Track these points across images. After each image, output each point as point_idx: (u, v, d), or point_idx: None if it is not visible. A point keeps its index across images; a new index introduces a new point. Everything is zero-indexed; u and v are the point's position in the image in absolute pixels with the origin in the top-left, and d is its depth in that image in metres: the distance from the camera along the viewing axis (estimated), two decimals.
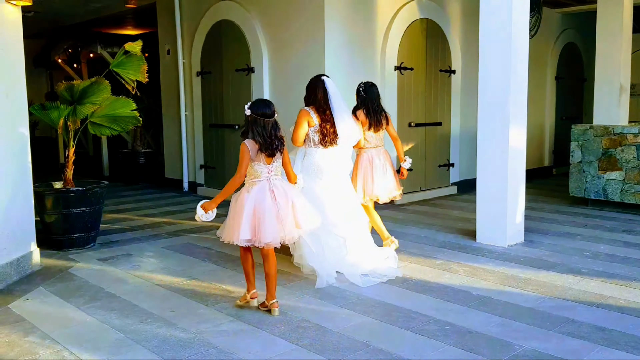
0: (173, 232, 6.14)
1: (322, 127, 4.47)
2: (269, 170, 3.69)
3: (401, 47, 7.74)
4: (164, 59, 9.77)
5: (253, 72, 7.81)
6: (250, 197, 3.63)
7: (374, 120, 5.00)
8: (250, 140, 3.68)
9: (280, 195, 3.67)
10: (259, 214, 3.59)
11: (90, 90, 5.21)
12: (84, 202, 5.34)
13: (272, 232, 3.59)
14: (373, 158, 5.07)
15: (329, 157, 4.55)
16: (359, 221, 4.68)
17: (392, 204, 7.64)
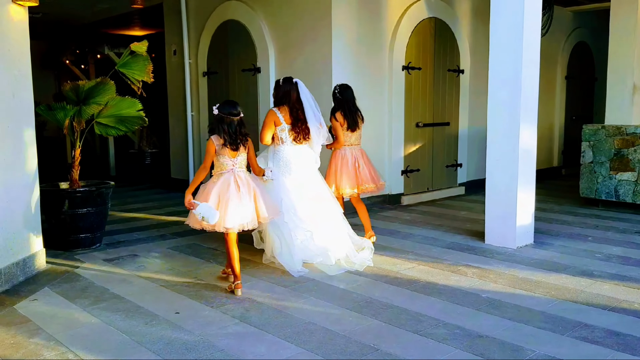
0: (179, 233, 6.10)
1: (296, 125, 4.81)
2: (233, 163, 4.14)
3: (409, 47, 7.67)
4: (170, 59, 9.75)
5: (259, 72, 7.76)
6: (215, 187, 4.09)
7: (351, 120, 5.33)
8: (216, 136, 4.13)
9: (244, 185, 4.10)
10: (222, 202, 4.00)
11: (95, 90, 5.18)
12: (90, 202, 5.32)
13: (233, 218, 4.01)
14: (348, 155, 5.37)
15: (298, 154, 4.85)
16: (331, 214, 4.91)
17: (398, 205, 7.59)
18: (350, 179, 5.33)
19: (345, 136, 5.32)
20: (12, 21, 4.58)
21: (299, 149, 4.86)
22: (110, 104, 5.43)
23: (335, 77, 6.93)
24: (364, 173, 5.40)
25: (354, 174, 5.35)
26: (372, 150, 7.43)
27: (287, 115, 4.83)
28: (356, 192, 5.40)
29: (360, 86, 7.23)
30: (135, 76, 5.81)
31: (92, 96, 5.18)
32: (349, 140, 5.37)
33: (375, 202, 7.54)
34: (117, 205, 7.74)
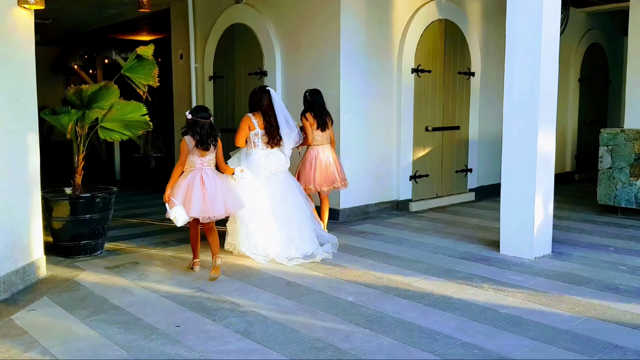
0: (182, 239, 5.93)
1: (268, 130, 5.23)
2: (202, 162, 4.65)
3: (419, 49, 7.49)
4: (176, 63, 9.62)
5: (266, 76, 7.60)
6: (185, 182, 4.62)
7: (320, 120, 5.71)
8: (189, 137, 4.62)
9: (209, 182, 4.62)
10: (189, 195, 4.56)
11: (99, 94, 5.03)
12: (92, 208, 5.16)
13: (197, 209, 4.56)
14: (319, 154, 5.75)
15: (269, 157, 5.25)
16: (297, 212, 5.33)
17: (407, 211, 7.41)
18: (322, 177, 5.71)
19: (316, 136, 5.72)
20: (17, 25, 4.43)
21: (269, 152, 5.27)
22: (115, 108, 5.29)
23: (344, 81, 6.76)
24: (333, 172, 5.79)
25: (326, 173, 5.74)
26: (379, 154, 7.26)
27: (260, 120, 5.23)
28: (326, 189, 5.78)
29: (369, 89, 7.06)
30: (140, 80, 5.67)
31: (95, 100, 5.04)
32: (320, 140, 5.75)
33: (383, 209, 7.35)
34: (121, 210, 7.59)
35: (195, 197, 4.56)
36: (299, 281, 4.52)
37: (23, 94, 4.46)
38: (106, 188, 5.59)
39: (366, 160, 7.12)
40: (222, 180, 4.75)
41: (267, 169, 5.22)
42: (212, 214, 4.63)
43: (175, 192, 4.58)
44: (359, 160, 7.03)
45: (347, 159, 6.86)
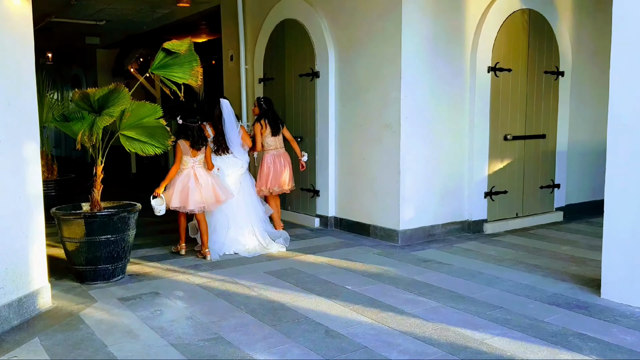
0: (216, 264, 5.17)
1: (216, 138, 5.70)
2: (194, 161, 5.31)
3: (497, 44, 6.40)
4: (227, 65, 8.96)
5: (318, 77, 6.75)
6: (179, 179, 5.26)
7: (273, 127, 6.17)
8: (182, 140, 5.29)
9: (202, 178, 5.27)
10: (185, 191, 5.20)
11: (109, 99, 4.34)
12: (109, 228, 4.47)
13: (194, 203, 5.19)
14: (274, 158, 6.20)
15: (225, 161, 5.74)
16: (250, 211, 5.80)
17: (480, 233, 6.33)
18: (277, 180, 6.19)
19: (269, 141, 6.17)
20: (7, 16, 3.78)
21: (225, 159, 5.74)
22: (127, 110, 4.59)
23: (406, 81, 5.79)
24: (286, 177, 6.25)
25: (280, 175, 6.20)
26: (448, 167, 6.23)
27: (211, 128, 5.72)
28: (280, 190, 6.24)
29: (436, 91, 6.06)
30: (176, 79, 4.97)
31: (105, 106, 4.35)
32: (273, 145, 6.20)
33: (452, 230, 6.30)
34: (163, 224, 6.94)
35: (192, 192, 5.18)
36: (341, 329, 3.60)
37: (16, 98, 3.79)
38: (129, 204, 4.90)
39: (432, 173, 6.12)
40: (212, 176, 5.42)
41: (224, 172, 5.72)
42: (207, 205, 5.28)
43: (170, 188, 5.24)
44: (422, 174, 6.03)
45: (408, 171, 5.88)
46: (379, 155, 6.08)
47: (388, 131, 5.95)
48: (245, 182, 5.86)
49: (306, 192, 7.04)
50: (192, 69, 5.02)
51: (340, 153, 6.63)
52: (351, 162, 6.47)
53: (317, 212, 6.90)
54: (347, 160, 6.54)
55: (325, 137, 6.70)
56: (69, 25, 11.72)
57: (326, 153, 6.71)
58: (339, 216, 6.70)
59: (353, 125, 6.42)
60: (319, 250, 5.69)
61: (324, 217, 6.80)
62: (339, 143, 6.63)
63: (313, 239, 6.20)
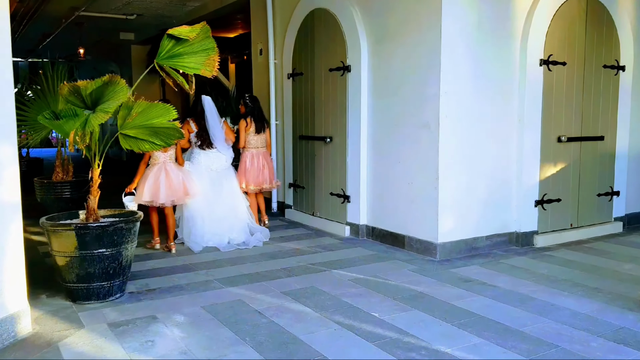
0: (229, 279, 4.64)
1: (200, 134, 5.87)
2: (164, 157, 5.45)
3: (550, 34, 5.67)
4: (256, 60, 8.47)
5: (349, 72, 6.15)
6: (151, 174, 5.37)
7: (259, 124, 6.33)
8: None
9: (172, 173, 5.42)
10: (156, 185, 5.31)
11: (104, 93, 3.84)
12: (104, 241, 3.98)
13: (164, 196, 5.34)
14: (254, 157, 6.34)
15: (209, 156, 5.92)
16: (233, 205, 5.99)
17: (530, 247, 5.62)
18: (254, 178, 6.31)
19: (251, 139, 6.33)
20: None
21: (208, 153, 5.92)
22: (135, 110, 4.10)
23: (446, 76, 5.14)
24: (266, 175, 6.39)
25: (258, 174, 6.33)
26: (493, 172, 5.55)
27: (195, 124, 5.90)
28: (258, 188, 6.38)
29: (480, 87, 5.39)
30: (186, 69, 4.45)
31: (100, 101, 3.86)
32: (255, 143, 6.37)
33: (498, 243, 5.61)
34: None
35: (162, 186, 5.35)
36: None
37: None
38: (132, 213, 4.42)
39: (475, 178, 5.45)
40: (182, 171, 5.57)
41: (208, 166, 5.91)
42: (178, 200, 5.51)
43: (142, 182, 5.39)
44: (464, 179, 5.37)
45: (448, 177, 5.23)
46: (415, 158, 5.45)
47: (426, 131, 5.31)
48: (229, 177, 6.06)
49: (336, 197, 6.46)
50: (208, 57, 4.48)
51: (373, 155, 6.02)
52: (385, 165, 5.86)
53: (347, 220, 6.31)
54: (380, 163, 5.92)
55: (357, 137, 6.10)
56: (101, 20, 11.46)
57: (357, 155, 6.11)
58: (371, 225, 6.09)
59: (387, 124, 5.80)
60: (347, 264, 5.10)
61: (355, 226, 6.20)
62: (371, 144, 6.02)
63: (342, 251, 5.61)
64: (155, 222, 5.70)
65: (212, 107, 5.92)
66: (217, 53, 4.51)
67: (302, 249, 5.67)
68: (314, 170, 6.85)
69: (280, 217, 7.45)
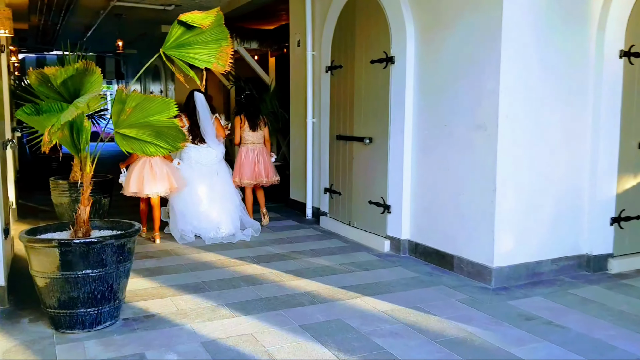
0: (242, 305, 3.97)
1: (191, 129, 6.02)
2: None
3: (632, 22, 4.74)
4: (294, 52, 7.79)
5: (392, 63, 5.36)
6: (136, 167, 5.75)
7: (251, 122, 6.49)
8: None
9: (157, 166, 5.71)
10: (141, 178, 5.69)
11: (82, 84, 3.21)
12: (90, 261, 3.36)
13: (150, 188, 5.68)
14: (248, 152, 6.50)
15: (200, 151, 6.06)
16: (224, 199, 6.10)
17: (603, 273, 4.71)
18: (249, 173, 6.47)
19: (246, 136, 6.49)
20: None
21: (200, 148, 6.04)
22: (129, 105, 3.46)
23: (507, 66, 4.30)
24: (260, 169, 6.52)
25: (253, 169, 6.48)
26: (561, 183, 4.68)
27: (187, 119, 6.04)
28: (253, 182, 6.51)
29: (546, 81, 4.54)
30: (196, 62, 3.83)
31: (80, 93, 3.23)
32: (251, 139, 6.52)
33: (565, 267, 4.72)
34: None
35: (146, 179, 5.62)
36: None
37: None
38: (130, 225, 3.80)
39: (539, 191, 4.58)
40: (167, 165, 5.78)
41: (198, 161, 6.05)
42: (162, 192, 5.72)
43: (129, 174, 5.72)
44: (527, 191, 4.51)
45: (507, 188, 4.39)
46: (468, 164, 4.63)
47: (481, 134, 4.48)
48: (221, 172, 6.19)
49: (375, 206, 5.69)
50: (220, 48, 3.84)
51: (418, 160, 5.23)
52: (432, 171, 5.06)
53: (387, 233, 5.53)
54: (426, 170, 5.12)
55: (400, 138, 5.32)
56: (140, 11, 11.05)
57: (400, 158, 5.32)
58: (414, 240, 5.30)
59: (435, 124, 4.99)
60: (383, 289, 4.34)
61: (396, 240, 5.42)
62: (416, 146, 5.23)
63: (379, 271, 4.85)
64: (143, 213, 6.03)
65: (203, 104, 6.10)
66: (231, 44, 3.89)
67: (333, 267, 4.94)
68: (352, 174, 6.10)
69: (315, 225, 6.74)
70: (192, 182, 5.96)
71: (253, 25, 11.31)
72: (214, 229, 5.90)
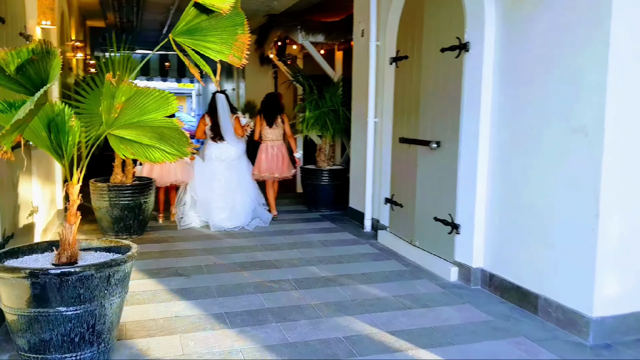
0: (261, 350, 3.18)
1: (213, 128, 6.55)
2: None
3: None
4: (357, 43, 6.95)
5: (467, 51, 4.38)
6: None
7: (268, 120, 6.99)
8: None
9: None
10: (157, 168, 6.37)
11: (42, 69, 2.51)
12: (63, 295, 2.67)
13: (164, 178, 6.44)
14: (268, 148, 7.01)
15: (220, 147, 6.55)
16: (239, 192, 6.56)
17: None
18: (268, 168, 6.96)
19: (266, 133, 7.00)
20: None
21: (219, 145, 6.56)
22: (119, 100, 2.75)
23: (618, 52, 3.24)
24: (279, 164, 7.01)
25: (272, 164, 6.97)
26: None
27: (209, 118, 6.61)
28: (271, 176, 6.99)
29: None
30: (209, 52, 3.17)
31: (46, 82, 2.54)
32: (270, 137, 7.02)
33: None
34: (251, 250, 5.20)
35: (163, 170, 6.39)
36: None
37: None
38: (127, 247, 3.11)
39: None
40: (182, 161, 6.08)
41: (218, 157, 6.51)
42: (171, 180, 6.49)
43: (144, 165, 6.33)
44: (637, 215, 3.41)
45: (615, 211, 3.33)
46: (561, 179, 3.60)
47: (580, 140, 3.44)
48: (239, 166, 6.64)
49: (441, 224, 4.73)
50: (236, 37, 3.14)
51: (495, 170, 4.23)
52: (513, 186, 4.05)
53: (455, 258, 4.57)
54: (506, 183, 4.12)
55: (474, 142, 4.34)
56: None
57: (474, 168, 4.34)
58: (488, 270, 4.30)
59: (519, 125, 3.98)
60: (444, 338, 3.40)
61: (466, 268, 4.44)
62: (494, 154, 4.23)
63: (441, 309, 3.89)
64: (160, 200, 6.67)
65: (224, 104, 6.58)
66: (247, 32, 3.16)
67: (386, 299, 4.05)
68: (415, 184, 5.16)
69: (372, 240, 5.86)
70: (211, 175, 6.45)
71: (320, 17, 10.53)
72: (226, 220, 6.34)
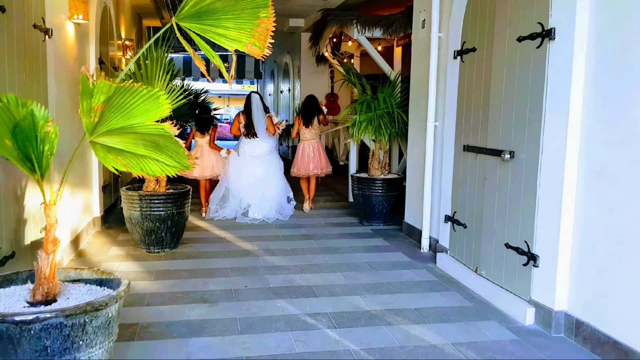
0: None
1: (247, 126, 7.06)
2: (201, 141, 7.27)
3: None
4: (417, 35, 6.16)
5: (552, 39, 3.52)
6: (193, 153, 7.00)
7: (305, 120, 7.51)
8: (194, 125, 7.30)
9: (206, 155, 7.18)
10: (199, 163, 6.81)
11: None
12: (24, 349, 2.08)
13: (205, 172, 7.14)
14: (305, 147, 7.56)
15: (252, 144, 7.07)
16: (270, 186, 7.04)
17: None
18: (304, 165, 7.51)
19: (305, 133, 7.54)
20: None
21: (252, 141, 7.07)
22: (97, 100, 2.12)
23: None
24: (316, 162, 7.52)
25: (308, 162, 7.50)
26: None
27: (244, 116, 7.14)
28: (307, 173, 7.53)
29: None
30: (223, 42, 2.53)
31: None
32: (307, 136, 7.56)
33: None
34: (287, 272, 4.54)
35: (202, 165, 7.05)
36: None
37: None
38: (118, 282, 2.48)
39: None
40: (214, 154, 7.26)
41: (250, 153, 7.07)
42: (212, 174, 7.21)
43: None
44: None
45: None
46: None
47: None
48: (270, 162, 7.10)
49: (514, 252, 3.88)
50: (257, 22, 2.47)
51: (586, 187, 3.35)
52: (612, 209, 3.16)
53: (531, 296, 3.71)
54: (603, 205, 3.24)
55: (559, 154, 3.47)
56: None
57: (559, 185, 3.48)
58: (575, 315, 3.43)
59: (621, 133, 3.10)
60: None
61: (545, 310, 3.58)
62: (586, 168, 3.36)
63: None
64: (202, 195, 7.29)
65: (258, 104, 7.07)
66: (271, 15, 2.46)
67: (441, 348, 3.26)
68: (482, 202, 4.33)
69: (430, 263, 5.05)
70: (243, 169, 6.97)
71: (378, 11, 9.77)
72: (255, 211, 6.89)
